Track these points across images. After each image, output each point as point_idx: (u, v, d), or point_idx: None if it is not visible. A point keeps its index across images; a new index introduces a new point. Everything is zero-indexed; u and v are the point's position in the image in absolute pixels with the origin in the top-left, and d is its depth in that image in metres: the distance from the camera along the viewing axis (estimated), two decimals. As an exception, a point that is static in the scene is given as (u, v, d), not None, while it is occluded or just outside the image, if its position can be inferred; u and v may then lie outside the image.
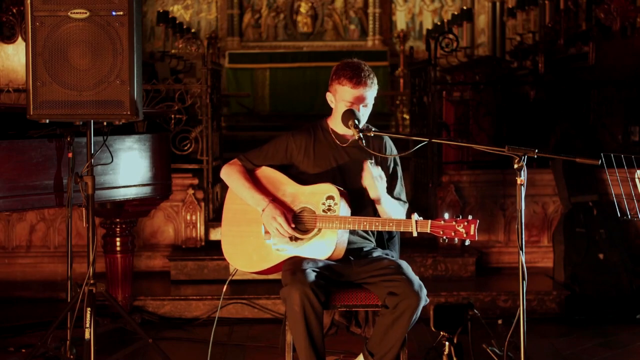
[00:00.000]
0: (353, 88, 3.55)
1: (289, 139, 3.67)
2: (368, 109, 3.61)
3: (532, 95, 7.94)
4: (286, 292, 3.39)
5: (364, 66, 3.59)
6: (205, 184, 6.12)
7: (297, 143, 3.66)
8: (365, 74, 3.55)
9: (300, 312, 3.35)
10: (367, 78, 3.56)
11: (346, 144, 3.64)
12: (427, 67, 6.38)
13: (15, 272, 5.93)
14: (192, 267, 5.70)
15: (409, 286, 3.40)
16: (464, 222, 3.29)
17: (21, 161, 3.96)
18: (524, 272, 3.13)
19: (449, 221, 3.32)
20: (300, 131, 3.70)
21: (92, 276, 3.82)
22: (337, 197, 3.48)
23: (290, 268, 3.47)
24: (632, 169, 3.58)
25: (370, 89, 3.58)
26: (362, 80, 3.54)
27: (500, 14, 12.88)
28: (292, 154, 3.66)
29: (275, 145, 3.70)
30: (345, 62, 3.61)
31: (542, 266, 5.97)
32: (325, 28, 14.07)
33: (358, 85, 3.54)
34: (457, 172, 6.28)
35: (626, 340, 4.88)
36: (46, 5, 3.62)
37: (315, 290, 3.35)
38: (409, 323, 3.41)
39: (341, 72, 3.58)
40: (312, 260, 3.52)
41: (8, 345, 4.57)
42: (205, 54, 6.96)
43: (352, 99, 3.55)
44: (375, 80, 3.60)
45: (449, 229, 3.30)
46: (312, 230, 3.53)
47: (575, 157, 3.18)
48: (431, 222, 3.35)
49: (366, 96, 3.57)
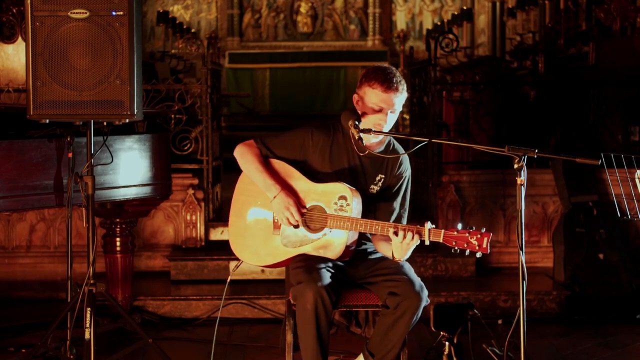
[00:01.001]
0: (384, 92, 3.50)
1: (308, 136, 3.62)
2: (395, 115, 3.58)
3: (532, 95, 7.94)
4: (299, 290, 3.37)
5: (396, 72, 3.57)
6: (205, 184, 6.12)
7: (315, 141, 3.61)
8: (397, 80, 3.52)
9: (312, 311, 3.34)
10: (399, 84, 3.52)
11: (363, 153, 3.61)
12: (427, 67, 6.37)
13: (15, 272, 5.93)
14: (192, 267, 5.70)
15: (410, 286, 3.40)
16: (477, 235, 3.24)
17: (21, 161, 3.96)
18: (524, 272, 3.13)
19: (462, 232, 3.27)
20: (320, 129, 3.65)
21: (92, 276, 3.82)
22: (349, 197, 3.46)
23: (303, 266, 3.45)
24: (632, 169, 3.58)
25: (400, 95, 3.54)
26: (393, 85, 3.50)
27: (500, 14, 12.88)
28: (308, 151, 3.62)
29: (293, 138, 3.65)
30: (378, 66, 3.58)
31: (542, 266, 5.97)
32: (325, 28, 14.08)
33: (389, 89, 3.50)
34: (457, 172, 6.28)
35: (626, 340, 4.88)
36: (46, 5, 3.62)
37: (329, 291, 3.35)
38: (410, 323, 3.41)
39: (373, 74, 3.54)
40: (322, 259, 3.51)
41: (8, 345, 4.57)
42: (205, 54, 6.96)
43: (382, 103, 3.51)
44: (405, 87, 3.56)
45: (462, 240, 3.26)
46: (322, 228, 3.51)
47: (575, 157, 3.18)
48: (444, 232, 3.30)
49: (395, 102, 3.53)
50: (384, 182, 3.63)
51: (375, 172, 3.61)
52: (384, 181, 3.62)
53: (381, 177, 3.61)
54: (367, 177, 3.60)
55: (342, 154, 3.61)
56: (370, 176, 3.60)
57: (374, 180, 3.61)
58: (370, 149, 3.58)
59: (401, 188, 3.67)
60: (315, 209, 3.53)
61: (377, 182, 3.61)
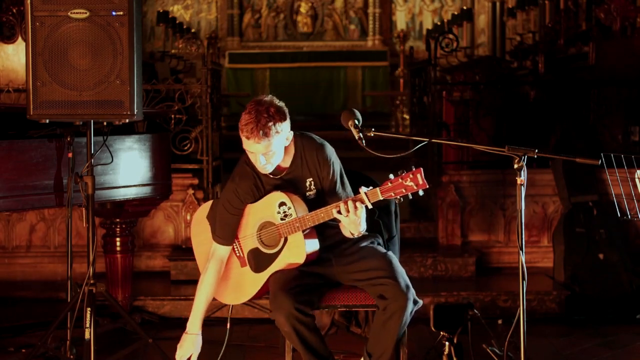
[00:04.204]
0: (247, 139, 3.38)
1: (237, 191, 3.55)
2: (274, 155, 3.43)
3: (532, 95, 7.93)
4: (273, 316, 3.42)
5: (264, 111, 3.37)
6: (205, 184, 6.12)
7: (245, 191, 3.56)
8: (258, 127, 3.34)
9: (292, 332, 3.39)
10: (259, 129, 3.34)
11: (282, 173, 3.56)
12: (427, 67, 6.38)
13: (15, 272, 5.93)
14: (192, 267, 5.70)
15: (395, 288, 3.39)
16: (410, 175, 3.24)
17: (21, 161, 3.96)
18: (524, 272, 3.13)
19: (395, 180, 3.26)
20: (241, 178, 3.57)
21: (92, 276, 3.83)
22: (288, 201, 3.46)
23: (272, 289, 3.49)
24: (632, 169, 3.58)
25: (264, 141, 3.36)
26: (252, 133, 3.35)
27: (500, 14, 12.88)
28: (247, 202, 3.57)
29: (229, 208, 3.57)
30: (249, 106, 3.42)
31: (542, 266, 5.97)
32: (325, 28, 14.08)
33: (249, 135, 3.36)
34: (457, 172, 6.28)
35: (626, 340, 4.88)
36: (46, 5, 3.62)
37: (299, 308, 3.37)
38: (400, 324, 3.40)
39: (241, 118, 3.41)
40: (294, 269, 3.50)
41: (8, 345, 4.57)
42: (205, 54, 6.98)
43: (250, 148, 3.41)
44: (273, 127, 3.36)
45: (399, 187, 3.25)
46: (279, 240, 3.52)
47: (575, 157, 3.18)
48: (380, 189, 3.29)
49: (259, 148, 3.38)
50: (316, 183, 3.57)
51: (302, 180, 3.56)
52: (315, 182, 3.57)
53: (310, 180, 3.56)
54: (298, 189, 3.56)
55: (269, 187, 3.56)
56: (300, 186, 3.56)
57: (305, 187, 3.57)
58: (282, 170, 3.54)
59: (334, 175, 3.56)
60: (265, 225, 3.54)
61: (309, 186, 3.57)
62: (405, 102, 11.00)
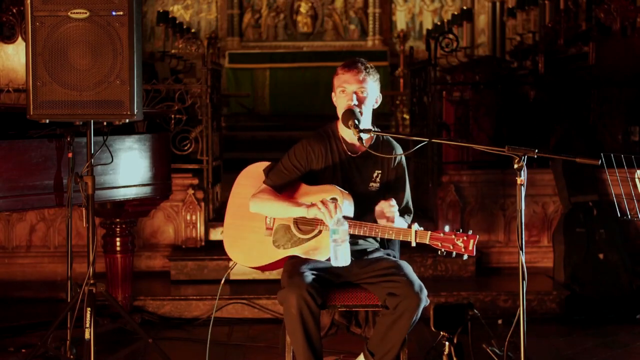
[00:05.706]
0: (344, 73, 3.54)
1: (307, 148, 3.62)
2: (365, 97, 3.55)
3: (532, 95, 7.93)
4: (283, 295, 3.39)
5: (361, 59, 3.59)
6: (205, 184, 6.12)
7: (314, 150, 3.62)
8: (358, 62, 3.55)
9: (297, 315, 3.36)
10: (360, 64, 3.54)
11: (356, 154, 3.62)
12: (427, 67, 6.37)
13: (15, 272, 5.93)
14: (192, 267, 5.70)
15: (409, 287, 3.40)
16: (464, 237, 3.27)
17: (21, 161, 3.96)
18: (524, 272, 3.13)
19: (449, 234, 3.29)
20: (315, 138, 3.65)
21: (92, 276, 3.83)
22: (340, 199, 3.46)
23: (288, 270, 3.47)
24: (632, 169, 3.58)
25: (362, 75, 3.53)
26: (352, 65, 3.53)
27: (500, 14, 12.88)
28: (311, 163, 3.62)
29: (293, 158, 3.63)
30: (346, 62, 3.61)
31: (542, 266, 5.97)
32: (325, 28, 14.08)
33: (349, 70, 3.53)
34: (457, 172, 6.28)
35: (626, 340, 4.88)
36: (46, 5, 3.62)
37: (312, 293, 3.36)
38: (409, 324, 3.41)
39: (338, 68, 3.60)
40: (313, 261, 3.51)
41: (8, 345, 4.57)
42: (205, 54, 6.97)
43: (344, 83, 3.53)
44: (372, 71, 3.57)
45: (448, 242, 3.29)
46: (313, 230, 3.52)
47: (575, 157, 3.17)
48: (430, 234, 3.33)
49: (356, 80, 3.52)
50: (382, 177, 3.62)
51: (372, 170, 3.61)
52: (382, 176, 3.62)
53: (378, 172, 3.61)
54: (363, 177, 3.60)
55: (337, 159, 3.61)
56: (367, 175, 3.60)
57: (371, 178, 3.61)
58: (357, 150, 3.59)
59: (403, 178, 3.67)
60: None
61: (375, 178, 3.61)
62: (405, 102, 11.00)
